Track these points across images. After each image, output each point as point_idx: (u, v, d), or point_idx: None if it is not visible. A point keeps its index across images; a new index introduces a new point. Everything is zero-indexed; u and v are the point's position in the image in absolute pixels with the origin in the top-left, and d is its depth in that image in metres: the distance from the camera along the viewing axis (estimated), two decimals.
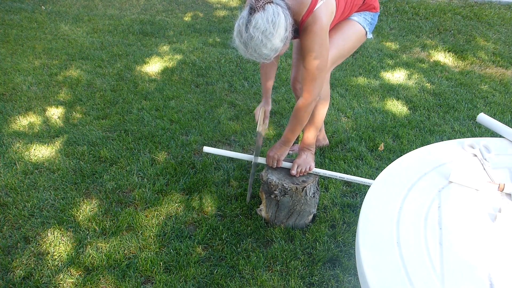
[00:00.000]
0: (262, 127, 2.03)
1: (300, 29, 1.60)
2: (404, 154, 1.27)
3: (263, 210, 1.94)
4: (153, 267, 1.70)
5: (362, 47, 4.01)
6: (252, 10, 1.41)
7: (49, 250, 1.76)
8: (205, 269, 1.71)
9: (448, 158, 1.25)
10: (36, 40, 3.95)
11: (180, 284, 1.65)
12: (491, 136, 1.61)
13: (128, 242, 1.81)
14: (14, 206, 1.98)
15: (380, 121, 2.83)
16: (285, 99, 3.03)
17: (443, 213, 1.03)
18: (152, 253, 1.77)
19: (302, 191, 1.80)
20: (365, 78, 3.42)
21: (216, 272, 1.70)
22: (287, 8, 1.48)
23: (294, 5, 1.53)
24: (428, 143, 2.55)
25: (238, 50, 1.51)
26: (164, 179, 2.19)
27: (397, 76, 3.51)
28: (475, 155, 1.26)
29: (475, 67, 3.78)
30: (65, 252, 1.75)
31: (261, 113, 2.03)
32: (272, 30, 1.42)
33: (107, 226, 1.88)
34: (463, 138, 1.46)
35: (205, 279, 1.68)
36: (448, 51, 4.06)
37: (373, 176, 2.24)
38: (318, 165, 2.30)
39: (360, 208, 1.04)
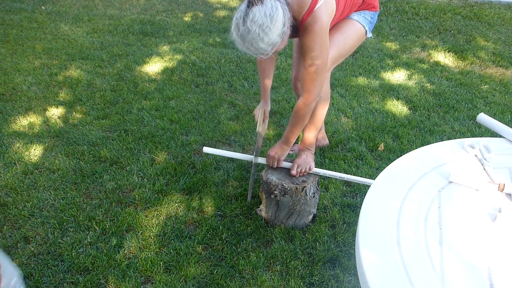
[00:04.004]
0: (262, 127, 2.03)
1: (300, 28, 1.60)
2: (404, 154, 1.27)
3: (263, 210, 1.94)
4: (153, 267, 1.70)
5: (362, 47, 4.01)
6: (250, 4, 1.41)
7: (49, 250, 1.76)
8: (205, 269, 1.71)
9: (448, 158, 1.25)
10: (36, 40, 3.95)
11: (180, 284, 1.65)
12: (491, 136, 1.61)
13: (128, 242, 1.81)
14: (14, 206, 1.98)
15: (380, 121, 2.83)
16: (285, 99, 3.03)
17: (443, 213, 1.03)
18: (152, 253, 1.77)
19: (302, 191, 1.80)
20: (365, 78, 3.42)
21: (216, 272, 1.70)
22: (286, 4, 1.48)
23: (294, 4, 1.53)
24: (428, 143, 2.55)
25: (235, 44, 1.51)
26: (164, 179, 2.19)
27: (397, 76, 3.51)
28: (475, 155, 1.26)
29: (475, 67, 3.78)
30: (65, 252, 1.75)
31: (261, 113, 2.03)
32: (269, 24, 1.41)
33: (107, 226, 1.88)
34: (463, 138, 1.46)
35: (205, 279, 1.68)
36: (448, 51, 4.06)
37: (373, 176, 2.24)
38: (318, 165, 2.29)
39: (360, 208, 1.04)
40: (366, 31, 1.93)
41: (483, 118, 1.48)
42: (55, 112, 2.78)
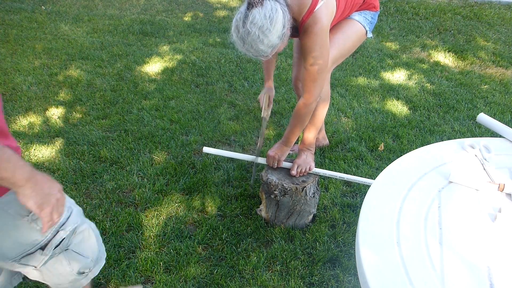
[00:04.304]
0: (267, 112, 2.04)
1: (300, 29, 1.60)
2: (404, 154, 1.27)
3: (263, 210, 1.94)
4: (153, 267, 1.70)
5: (362, 47, 4.01)
6: (250, 5, 1.40)
7: None
8: (205, 269, 1.71)
9: (448, 158, 1.25)
10: (36, 40, 3.95)
11: (180, 284, 1.65)
12: (491, 136, 1.61)
13: (128, 242, 1.81)
14: None
15: (380, 121, 2.83)
16: (285, 99, 3.03)
17: (443, 213, 1.03)
18: (152, 253, 1.77)
19: (302, 191, 1.80)
20: (365, 78, 3.42)
21: (216, 272, 1.70)
22: (285, 5, 1.48)
23: (294, 5, 1.53)
24: (428, 143, 2.55)
25: (235, 45, 1.51)
26: (164, 179, 2.19)
27: (397, 76, 3.51)
28: (475, 155, 1.26)
29: (475, 67, 3.78)
30: None
31: (265, 98, 2.04)
32: (269, 26, 1.41)
33: (107, 226, 1.88)
34: (463, 138, 1.46)
35: (205, 279, 1.68)
36: (448, 51, 4.06)
37: (373, 176, 2.24)
38: (318, 165, 2.30)
39: (360, 208, 1.04)
40: (366, 31, 1.93)
41: (483, 118, 1.48)
42: (55, 112, 2.78)
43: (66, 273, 1.11)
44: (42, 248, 1.03)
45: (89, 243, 1.16)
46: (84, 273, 1.17)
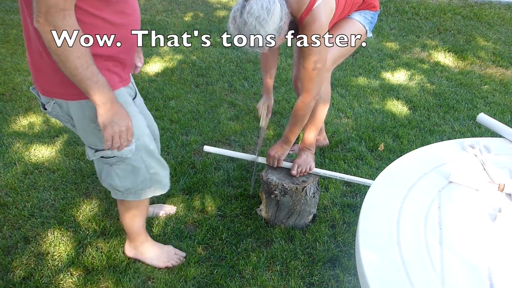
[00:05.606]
0: (265, 121, 2.04)
1: (299, 27, 1.60)
2: (404, 154, 1.27)
3: (263, 210, 1.94)
4: (153, 267, 1.70)
5: (362, 47, 4.01)
6: None
7: (49, 250, 1.76)
8: (205, 269, 1.71)
9: (448, 158, 1.25)
10: None
11: (180, 284, 1.65)
12: (491, 136, 1.61)
13: None
14: (14, 206, 1.98)
15: (380, 121, 2.83)
16: (285, 99, 3.03)
17: (443, 213, 1.03)
18: None
19: (302, 191, 1.80)
20: (365, 78, 3.42)
21: (216, 272, 1.70)
22: (284, 0, 1.49)
23: (293, 3, 1.53)
24: (428, 143, 2.55)
25: (231, 38, 1.51)
26: None
27: (397, 76, 3.51)
28: (475, 155, 1.26)
29: (475, 67, 3.78)
30: (65, 252, 1.75)
31: (264, 107, 2.04)
32: (266, 16, 1.41)
33: (107, 226, 1.88)
34: (463, 138, 1.46)
35: (205, 279, 1.68)
36: (448, 51, 4.06)
37: (373, 176, 2.24)
38: (318, 165, 2.29)
39: (360, 208, 1.04)
40: (366, 31, 1.93)
41: (483, 118, 1.48)
42: None
43: (104, 177, 1.43)
44: (96, 150, 1.34)
45: (129, 178, 1.41)
46: (117, 190, 1.44)
